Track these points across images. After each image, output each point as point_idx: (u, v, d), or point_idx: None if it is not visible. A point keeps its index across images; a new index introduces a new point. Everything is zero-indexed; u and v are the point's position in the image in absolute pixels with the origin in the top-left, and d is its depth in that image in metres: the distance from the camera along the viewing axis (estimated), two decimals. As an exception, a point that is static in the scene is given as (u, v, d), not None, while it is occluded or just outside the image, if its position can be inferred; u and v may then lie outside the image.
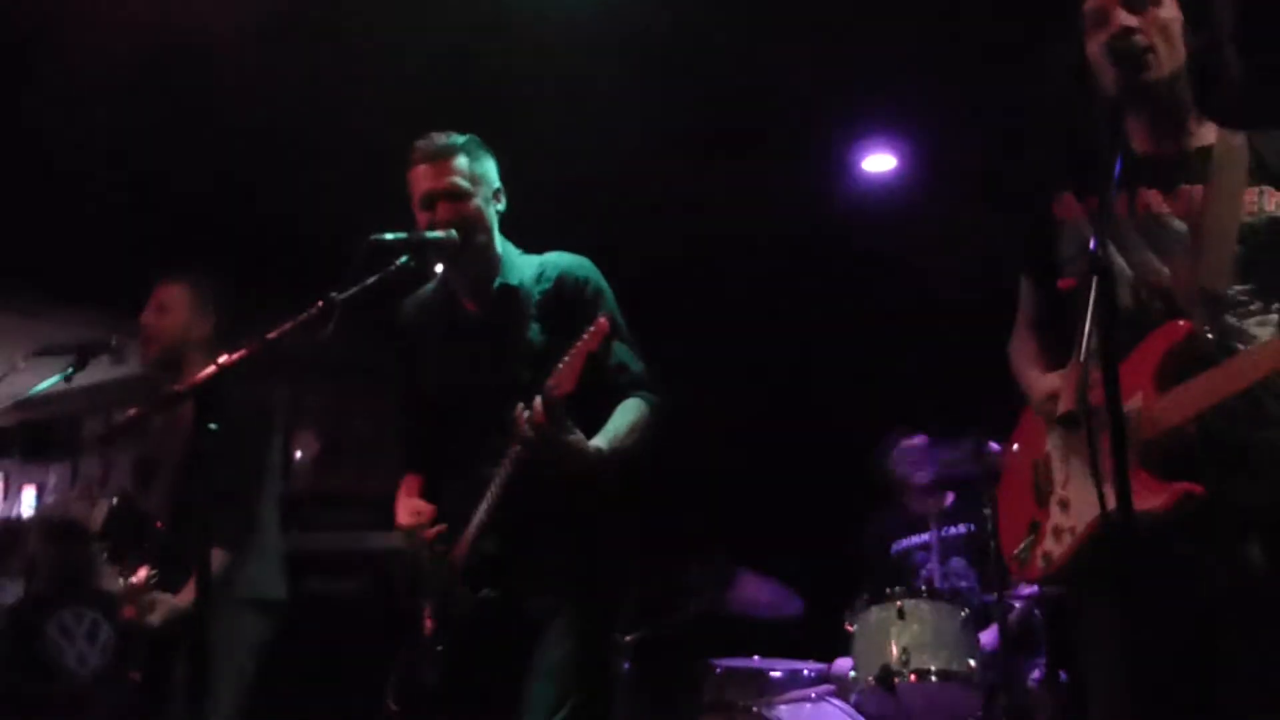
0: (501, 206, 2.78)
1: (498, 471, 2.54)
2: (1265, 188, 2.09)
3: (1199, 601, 2.00)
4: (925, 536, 4.42)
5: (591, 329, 2.42)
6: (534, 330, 2.69)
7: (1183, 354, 2.02)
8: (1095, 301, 1.73)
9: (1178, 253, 2.10)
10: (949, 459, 4.05)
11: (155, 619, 3.12)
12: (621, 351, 2.66)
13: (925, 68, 4.40)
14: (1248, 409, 1.99)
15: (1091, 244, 1.78)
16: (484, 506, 2.57)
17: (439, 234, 2.63)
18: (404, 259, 2.56)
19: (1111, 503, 1.68)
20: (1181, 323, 2.03)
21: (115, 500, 3.48)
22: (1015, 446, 2.39)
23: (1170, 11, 2.11)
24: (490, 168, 2.76)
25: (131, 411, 3.17)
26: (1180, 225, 2.11)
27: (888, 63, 4.39)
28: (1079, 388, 1.75)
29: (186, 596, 3.15)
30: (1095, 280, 1.74)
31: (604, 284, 2.75)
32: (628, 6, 4.07)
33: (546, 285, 2.73)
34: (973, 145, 4.78)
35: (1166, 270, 2.10)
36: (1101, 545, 2.01)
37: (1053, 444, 2.21)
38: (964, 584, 4.25)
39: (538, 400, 2.42)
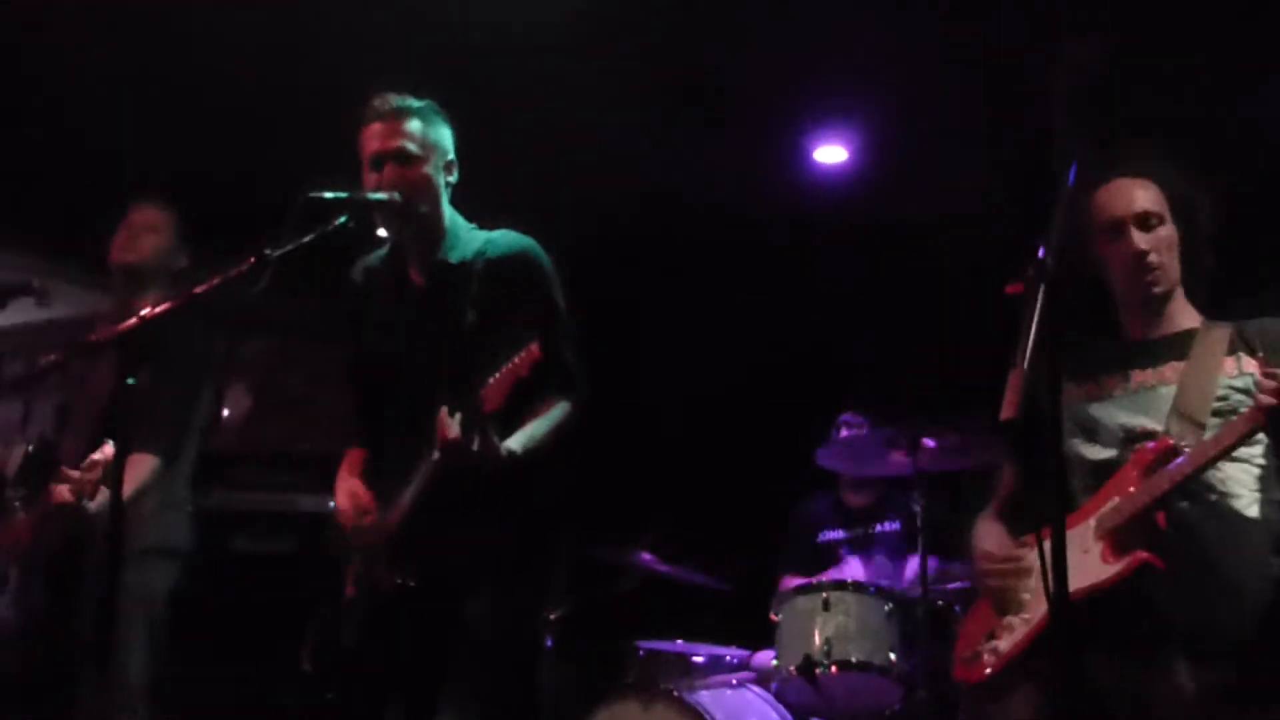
0: (453, 178, 2.72)
1: (422, 462, 2.50)
2: (1243, 356, 2.32)
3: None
4: (852, 532, 4.46)
5: (522, 354, 2.36)
6: (469, 310, 2.64)
7: (1161, 462, 2.21)
8: (1040, 307, 1.78)
9: (1164, 414, 2.30)
10: (883, 451, 4.07)
11: (95, 504, 3.00)
12: (554, 347, 2.60)
13: (884, 65, 4.40)
14: (1206, 536, 2.20)
15: (1040, 252, 1.80)
16: (409, 493, 2.54)
17: (381, 195, 2.57)
18: (343, 219, 2.50)
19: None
20: (1164, 440, 2.24)
21: (32, 446, 3.38)
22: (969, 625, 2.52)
23: (1170, 230, 2.38)
24: (445, 136, 2.70)
25: (52, 356, 3.08)
26: (1167, 390, 2.33)
27: (848, 56, 4.38)
28: (1021, 393, 1.76)
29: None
30: (1042, 287, 1.79)
31: (547, 267, 2.69)
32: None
33: (490, 265, 2.66)
34: (925, 146, 4.80)
35: (1154, 426, 2.30)
36: (1048, 639, 2.17)
37: (991, 606, 2.37)
38: (884, 581, 4.28)
39: (458, 417, 2.39)
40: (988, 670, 2.29)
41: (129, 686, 3.07)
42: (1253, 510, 2.19)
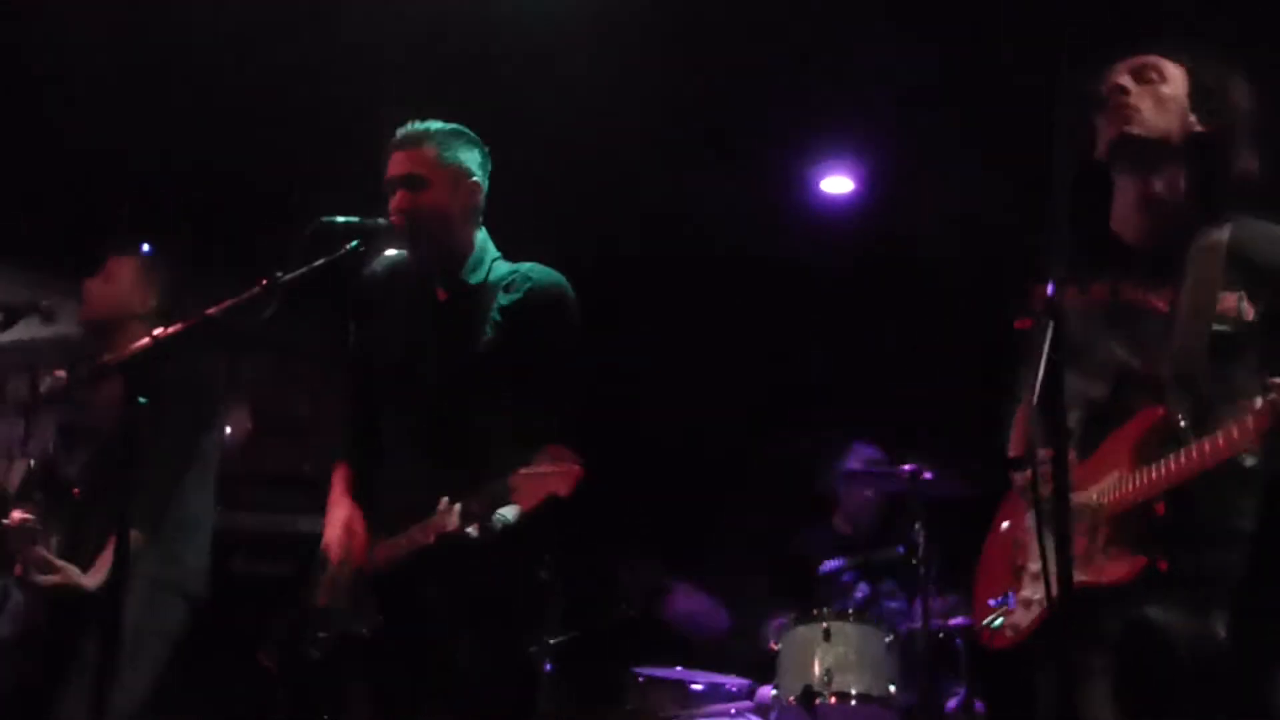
0: (478, 202, 2.71)
1: (415, 529, 2.47)
2: (1241, 292, 2.15)
3: (1162, 667, 2.08)
4: (855, 558, 4.44)
5: (564, 468, 2.31)
6: (488, 335, 2.63)
7: (1157, 437, 2.12)
8: (1049, 343, 1.75)
9: (1154, 343, 2.17)
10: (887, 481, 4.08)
11: (46, 580, 3.03)
12: (560, 398, 2.59)
13: (892, 98, 4.43)
14: (1208, 489, 2.08)
15: (1050, 289, 1.80)
16: (395, 550, 2.53)
17: (382, 221, 2.58)
18: (353, 243, 2.52)
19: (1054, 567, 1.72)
20: (1159, 410, 2.13)
21: (33, 463, 3.38)
22: (1002, 522, 2.46)
23: (1172, 90, 2.19)
24: (467, 159, 2.69)
25: (59, 374, 3.08)
26: (1157, 318, 2.19)
27: (856, 88, 4.41)
28: (1028, 430, 1.77)
29: (95, 576, 3.06)
30: (1051, 323, 1.76)
31: (571, 310, 2.67)
32: (597, 11, 4.05)
33: (516, 295, 2.66)
34: (932, 180, 4.82)
35: (1139, 360, 2.18)
36: (1048, 613, 2.10)
37: (1030, 520, 2.27)
38: (894, 604, 4.28)
39: (457, 509, 2.38)
40: (1010, 641, 2.25)
41: (121, 712, 3.05)
42: (1249, 460, 2.10)
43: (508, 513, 2.42)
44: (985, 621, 2.32)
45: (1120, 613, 2.02)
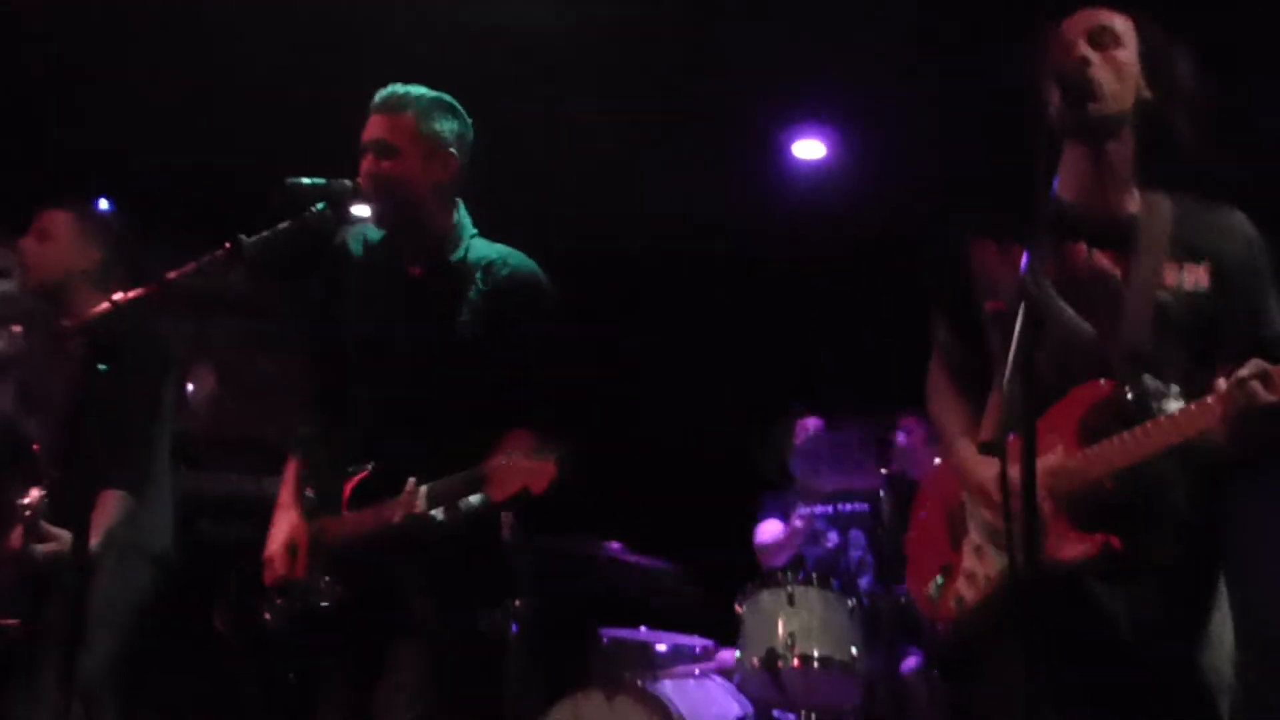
0: (451, 177, 2.65)
1: (380, 507, 2.46)
2: (1185, 263, 2.15)
3: (1103, 637, 2.09)
4: (826, 508, 4.47)
5: (541, 465, 2.31)
6: (465, 318, 2.61)
7: (1104, 412, 2.10)
8: (1020, 329, 1.75)
9: (1098, 312, 2.15)
10: (846, 454, 4.09)
11: (43, 550, 3.00)
12: (542, 389, 2.59)
13: (864, 60, 4.41)
14: (1159, 471, 2.07)
15: (1023, 269, 1.80)
16: (357, 527, 2.52)
17: (349, 183, 2.53)
18: (320, 205, 2.49)
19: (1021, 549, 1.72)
20: (1104, 382, 2.11)
21: (-5, 422, 3.35)
22: (928, 492, 2.46)
23: (1128, 55, 2.15)
24: (446, 131, 2.63)
25: (16, 329, 3.02)
26: (1102, 287, 2.16)
27: (828, 51, 4.39)
28: (1000, 421, 1.77)
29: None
30: (1023, 308, 1.76)
31: (548, 296, 2.66)
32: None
33: (495, 279, 2.63)
34: (904, 143, 4.82)
35: (1090, 328, 2.15)
36: (1012, 591, 2.07)
37: (967, 495, 2.27)
38: (855, 554, 4.32)
39: (423, 491, 2.38)
40: (954, 616, 2.24)
41: (90, 681, 3.04)
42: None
43: (475, 500, 2.42)
44: (925, 591, 2.30)
45: (1064, 588, 2.01)
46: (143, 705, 3.49)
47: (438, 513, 2.39)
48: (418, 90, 2.63)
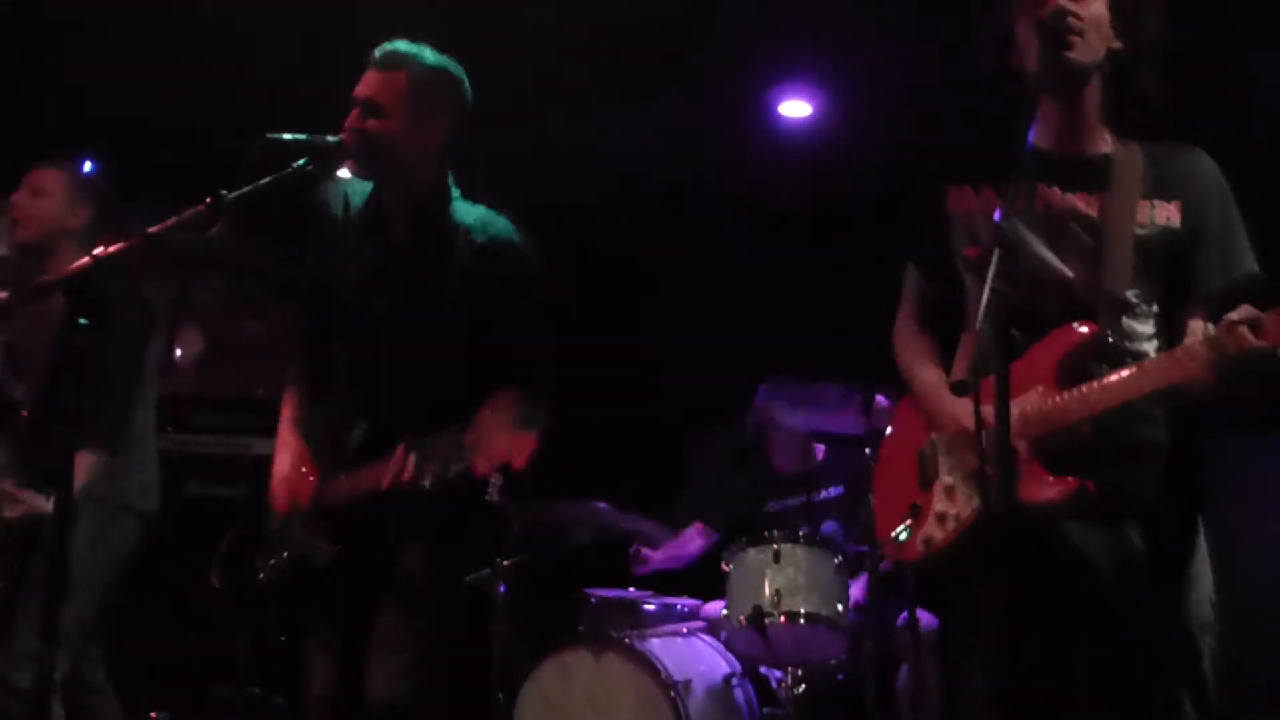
0: (439, 144, 2.63)
1: (369, 470, 2.46)
2: (1157, 201, 2.17)
3: (1083, 581, 2.10)
4: (797, 500, 4.47)
5: (519, 443, 2.31)
6: (450, 277, 2.60)
7: (1085, 354, 2.11)
8: (993, 272, 1.77)
9: (1076, 254, 2.17)
10: (826, 411, 4.09)
11: (13, 511, 3.02)
12: (528, 354, 2.59)
13: (850, 19, 4.39)
14: (1139, 412, 2.09)
15: (997, 215, 1.81)
16: (350, 486, 2.52)
17: (331, 139, 2.52)
18: (302, 161, 2.48)
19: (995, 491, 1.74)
20: (1085, 326, 2.12)
21: (-20, 381, 3.35)
22: (893, 432, 2.46)
23: (1101, 9, 2.17)
24: (440, 98, 2.61)
25: (2, 295, 3.03)
26: (1079, 228, 2.18)
27: (812, 10, 4.36)
28: (973, 360, 1.79)
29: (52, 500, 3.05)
30: (997, 251, 1.78)
31: (532, 259, 2.66)
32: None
33: (480, 241, 2.63)
34: (888, 103, 4.79)
35: (1067, 270, 2.17)
36: (983, 532, 2.10)
37: (938, 433, 2.28)
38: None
39: (413, 459, 2.37)
40: (920, 555, 2.24)
41: (73, 635, 3.06)
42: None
43: (459, 468, 2.41)
44: (892, 534, 2.30)
45: (1036, 530, 2.02)
46: (132, 662, 3.51)
47: (426, 481, 2.40)
48: (419, 51, 2.61)
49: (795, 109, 5.12)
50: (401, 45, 2.60)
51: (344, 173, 2.79)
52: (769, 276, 5.54)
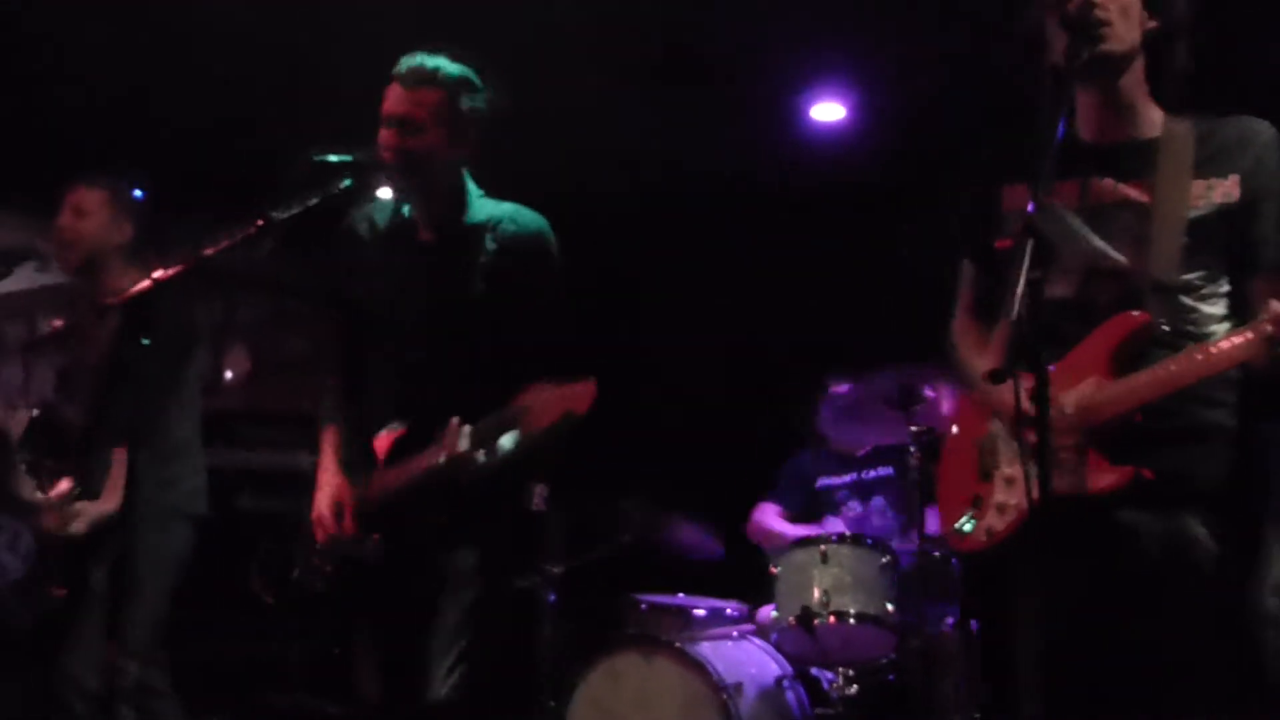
0: (471, 151, 2.69)
1: (420, 457, 2.50)
2: (1212, 179, 2.14)
3: (1137, 569, 2.09)
4: (848, 478, 4.50)
5: (580, 387, 2.34)
6: (478, 283, 2.66)
7: (1138, 342, 2.11)
8: (1028, 262, 1.78)
9: (1127, 242, 2.16)
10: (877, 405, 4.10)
11: (79, 527, 3.11)
12: (556, 341, 2.63)
13: (882, 20, 4.38)
14: (1199, 396, 2.08)
15: (1030, 207, 1.82)
16: (399, 477, 2.56)
17: (371, 158, 2.58)
18: (346, 181, 2.53)
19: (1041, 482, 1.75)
20: (1137, 313, 2.11)
21: (36, 411, 3.42)
22: (955, 428, 2.46)
23: None
24: (471, 108, 2.66)
25: (58, 322, 3.12)
26: (1131, 215, 2.17)
27: (844, 12, 4.37)
28: (1009, 348, 1.79)
29: (108, 501, 3.13)
30: (1030, 242, 1.78)
31: (555, 255, 2.70)
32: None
33: (504, 239, 2.68)
34: (923, 103, 4.78)
35: (1120, 257, 2.16)
36: (1033, 518, 2.06)
37: (997, 424, 2.29)
38: (878, 521, 4.33)
39: (467, 430, 2.40)
40: (984, 545, 2.24)
41: (141, 639, 3.13)
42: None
43: (509, 442, 2.45)
44: (955, 525, 2.30)
45: (1094, 519, 2.03)
46: (187, 670, 3.57)
47: (480, 454, 2.42)
48: (445, 64, 2.64)
49: (829, 111, 5.12)
50: (426, 59, 2.64)
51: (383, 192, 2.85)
52: (806, 275, 5.54)
